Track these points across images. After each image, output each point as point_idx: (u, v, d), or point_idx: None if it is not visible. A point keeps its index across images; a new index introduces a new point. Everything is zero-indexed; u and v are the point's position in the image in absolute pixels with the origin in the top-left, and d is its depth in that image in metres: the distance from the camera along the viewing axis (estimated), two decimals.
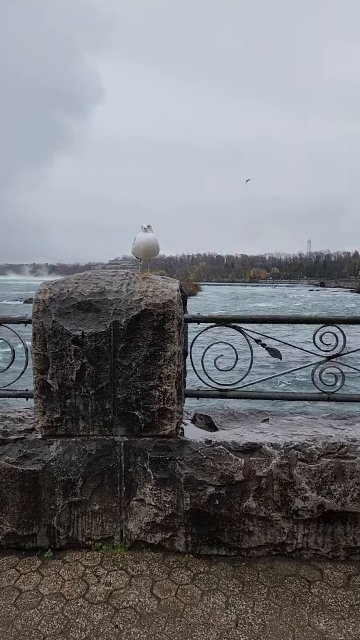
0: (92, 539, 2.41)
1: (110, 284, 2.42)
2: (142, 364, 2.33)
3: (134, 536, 2.39)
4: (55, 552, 2.38)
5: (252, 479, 2.30)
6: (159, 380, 2.34)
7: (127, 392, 2.34)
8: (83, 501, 2.38)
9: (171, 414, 2.36)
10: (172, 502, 2.34)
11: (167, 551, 2.39)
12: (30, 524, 2.38)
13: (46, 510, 2.38)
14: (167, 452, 2.36)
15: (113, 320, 2.31)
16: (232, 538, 2.35)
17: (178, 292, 2.43)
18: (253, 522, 2.33)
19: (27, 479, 2.36)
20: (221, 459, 2.32)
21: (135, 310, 2.31)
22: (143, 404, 2.35)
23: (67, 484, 2.37)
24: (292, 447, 2.32)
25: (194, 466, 2.33)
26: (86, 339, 2.32)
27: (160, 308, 2.31)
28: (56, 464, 2.37)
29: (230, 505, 2.32)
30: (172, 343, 2.33)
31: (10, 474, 2.36)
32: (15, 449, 2.40)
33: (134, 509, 2.38)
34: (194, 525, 2.36)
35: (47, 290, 2.40)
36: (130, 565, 2.29)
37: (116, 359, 2.33)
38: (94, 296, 2.35)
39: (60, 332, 2.32)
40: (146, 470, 2.36)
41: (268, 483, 2.29)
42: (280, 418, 2.75)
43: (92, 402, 2.36)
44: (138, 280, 2.46)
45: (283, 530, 2.32)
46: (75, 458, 2.37)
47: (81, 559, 2.34)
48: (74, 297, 2.35)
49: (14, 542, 2.40)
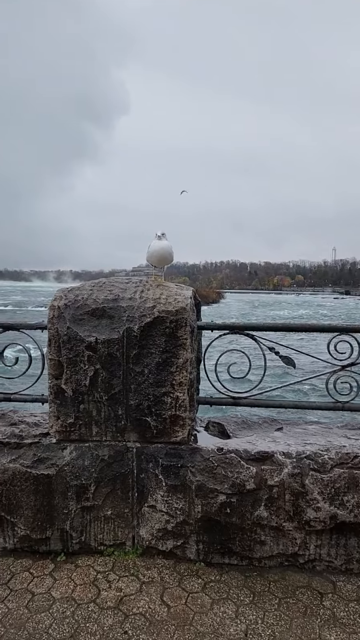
0: (104, 544, 2.43)
1: (124, 291, 2.46)
2: (154, 371, 2.35)
3: (146, 542, 2.40)
4: (67, 556, 2.41)
5: (263, 487, 2.28)
6: (171, 387, 2.35)
7: (140, 398, 2.36)
8: (95, 506, 2.40)
9: (183, 420, 2.37)
10: (183, 509, 2.34)
11: (179, 558, 2.39)
12: (43, 527, 2.42)
13: (59, 514, 2.41)
14: (178, 459, 2.37)
15: (126, 327, 2.34)
16: (244, 547, 2.33)
17: (191, 299, 2.45)
18: (265, 531, 2.30)
19: (41, 483, 2.40)
20: (232, 467, 2.32)
21: (148, 317, 2.33)
22: (155, 410, 2.36)
23: (80, 489, 2.39)
24: (305, 456, 2.29)
25: (205, 474, 2.33)
26: (99, 345, 2.35)
27: (173, 315, 2.32)
28: (69, 468, 2.40)
29: (242, 513, 2.30)
30: (184, 350, 2.34)
31: (24, 478, 2.40)
32: (30, 453, 2.44)
33: (146, 515, 2.39)
34: (206, 533, 2.35)
35: (62, 296, 2.45)
36: (142, 571, 2.30)
37: (129, 365, 2.36)
38: (107, 303, 2.39)
39: (75, 338, 2.36)
40: (158, 476, 2.37)
41: (280, 492, 2.27)
42: (294, 427, 2.73)
43: (105, 408, 2.39)
44: (152, 287, 2.49)
45: (295, 540, 2.29)
46: (88, 463, 2.40)
47: (93, 564, 2.36)
48: (88, 304, 2.39)
49: (28, 545, 2.44)
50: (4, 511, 2.41)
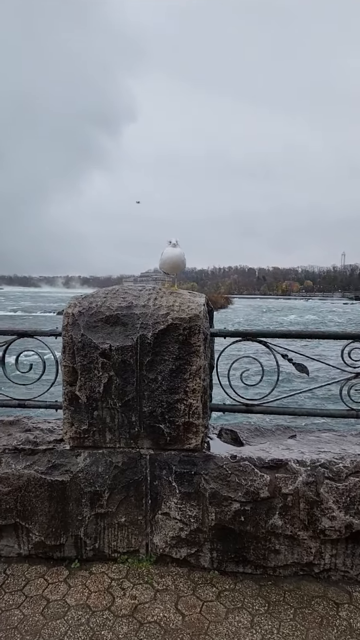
0: (118, 551, 2.43)
1: (138, 298, 2.47)
2: (167, 378, 2.35)
3: (160, 550, 2.40)
4: (82, 563, 2.42)
5: (277, 496, 2.27)
6: (184, 394, 2.35)
7: (153, 405, 2.37)
8: (109, 513, 2.41)
9: (196, 427, 2.37)
10: (197, 517, 2.34)
11: (193, 567, 2.38)
12: (58, 534, 2.42)
13: (73, 520, 2.42)
14: (192, 466, 2.37)
15: (140, 334, 2.35)
16: (258, 556, 2.32)
17: (204, 306, 2.46)
18: (279, 540, 2.29)
19: (55, 489, 2.41)
20: (246, 474, 2.31)
21: (162, 325, 2.34)
22: (168, 417, 2.37)
23: (94, 496, 2.40)
24: (319, 464, 2.28)
25: (219, 481, 2.33)
26: (113, 352, 2.36)
27: (187, 322, 2.33)
28: (83, 475, 2.41)
29: (256, 522, 2.29)
30: (197, 357, 2.35)
31: (39, 484, 2.41)
32: (45, 459, 2.45)
33: (160, 522, 2.39)
34: (219, 542, 2.34)
35: (77, 304, 2.47)
36: (156, 579, 2.30)
37: (142, 372, 2.37)
38: (121, 310, 2.40)
39: (89, 345, 2.38)
40: (171, 483, 2.37)
41: (294, 501, 2.26)
42: (308, 435, 2.71)
43: (118, 415, 2.40)
44: (165, 294, 2.50)
45: (310, 550, 2.27)
46: (102, 470, 2.41)
47: (107, 571, 2.36)
48: (102, 311, 2.41)
49: (42, 552, 2.45)
50: (19, 517, 2.43)
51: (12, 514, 2.43)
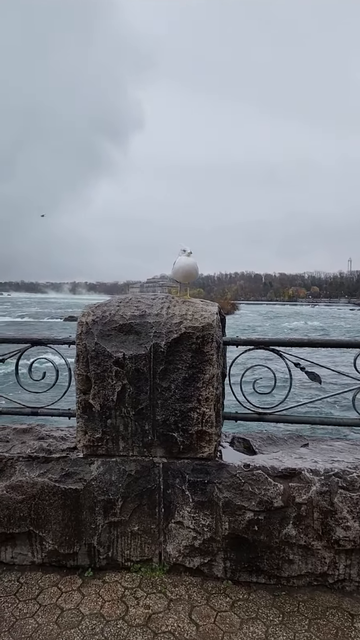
0: (131, 560, 2.43)
1: (151, 307, 2.49)
2: (181, 386, 2.36)
3: (173, 559, 2.39)
4: (95, 572, 2.42)
5: (291, 505, 2.27)
6: (197, 403, 2.36)
7: (166, 413, 2.37)
8: (122, 521, 2.41)
9: (209, 436, 2.37)
10: (210, 526, 2.34)
11: (206, 576, 2.37)
12: (71, 542, 2.43)
13: (87, 529, 2.42)
14: (205, 475, 2.37)
15: (153, 343, 2.36)
16: (272, 566, 2.31)
17: (217, 315, 2.47)
18: (293, 550, 2.28)
19: (69, 498, 2.42)
20: (260, 483, 2.31)
21: (175, 333, 2.35)
22: (182, 425, 2.37)
23: (107, 504, 2.41)
24: (333, 474, 2.27)
25: (232, 490, 2.32)
26: (127, 361, 2.38)
27: (200, 331, 2.34)
28: (97, 483, 2.42)
29: (270, 531, 2.29)
30: (210, 366, 2.35)
31: (53, 492, 2.42)
32: (58, 467, 2.47)
33: (173, 531, 2.39)
34: (233, 551, 2.34)
35: (90, 312, 2.49)
36: (169, 588, 2.29)
37: (156, 380, 2.38)
38: (134, 319, 2.42)
39: (102, 353, 2.39)
40: (184, 492, 2.37)
41: (308, 510, 2.25)
42: (320, 443, 2.71)
43: (132, 423, 2.41)
44: (178, 303, 2.51)
45: (324, 560, 2.26)
46: (115, 478, 2.42)
47: (120, 580, 2.36)
48: (116, 320, 2.43)
49: (56, 560, 2.46)
50: (32, 525, 2.44)
51: (26, 522, 2.44)
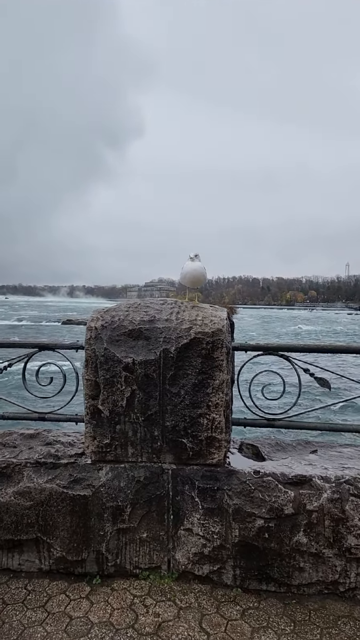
0: (139, 567, 2.41)
1: (160, 312, 2.48)
2: (190, 392, 2.35)
3: (182, 567, 2.37)
4: (103, 579, 2.39)
5: (302, 512, 2.25)
6: (207, 409, 2.35)
7: (176, 419, 2.36)
8: (131, 528, 2.39)
9: (219, 442, 2.36)
10: (220, 533, 2.32)
11: (215, 584, 2.35)
12: (79, 549, 2.41)
13: (95, 536, 2.40)
14: (215, 482, 2.35)
15: (163, 348, 2.35)
16: (282, 574, 2.29)
17: (227, 320, 2.46)
18: (304, 558, 2.26)
19: (77, 504, 2.40)
20: (270, 490, 2.29)
21: (185, 339, 2.34)
22: (191, 431, 2.36)
23: (116, 510, 2.39)
24: (344, 481, 2.26)
25: (242, 497, 2.31)
26: (136, 366, 2.36)
27: (210, 337, 2.33)
28: (105, 489, 2.40)
29: (280, 539, 2.27)
30: (220, 371, 2.34)
31: (61, 498, 2.40)
32: (66, 473, 2.45)
33: (182, 538, 2.37)
34: (243, 559, 2.32)
35: (99, 318, 2.48)
36: (178, 596, 2.27)
37: (165, 386, 2.36)
38: (144, 324, 2.41)
39: (112, 359, 2.38)
40: (194, 499, 2.36)
41: (319, 518, 2.24)
42: (329, 450, 2.69)
43: (141, 429, 2.39)
44: (187, 308, 2.50)
45: (335, 568, 2.24)
46: (124, 484, 2.40)
47: (129, 588, 2.33)
48: (125, 325, 2.42)
49: (64, 567, 2.43)
50: (40, 532, 2.41)
51: (34, 529, 2.41)
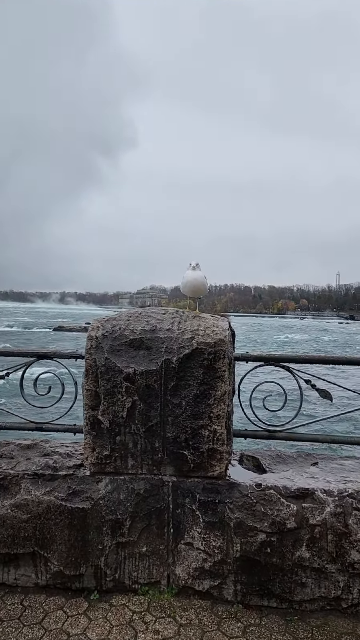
0: (138, 582, 2.35)
1: (161, 322, 2.45)
2: (192, 403, 2.32)
3: (182, 582, 2.33)
4: (101, 595, 2.34)
5: (305, 527, 2.22)
6: (208, 420, 2.32)
7: (177, 431, 2.33)
8: (131, 542, 2.34)
9: (220, 454, 2.33)
10: (221, 548, 2.28)
11: (215, 599, 2.31)
12: (77, 563, 2.35)
13: (94, 550, 2.35)
14: (216, 495, 2.32)
15: (164, 359, 2.32)
16: (284, 589, 2.25)
17: (229, 330, 2.44)
18: (306, 573, 2.23)
19: (75, 517, 2.35)
20: (272, 504, 2.26)
21: (187, 349, 2.32)
22: (192, 443, 2.32)
23: (115, 524, 2.34)
24: (347, 494, 2.24)
25: (244, 510, 2.27)
26: (137, 377, 2.33)
27: (212, 347, 2.31)
28: (105, 502, 2.35)
29: (282, 554, 2.23)
30: (222, 382, 2.32)
31: (59, 511, 2.35)
32: (65, 485, 2.40)
33: (182, 552, 2.33)
34: (244, 574, 2.28)
35: (100, 327, 2.45)
36: (178, 612, 2.22)
37: (166, 397, 2.33)
38: (145, 334, 2.38)
39: (113, 369, 2.35)
40: (195, 512, 2.32)
41: (322, 532, 2.21)
42: (330, 462, 2.67)
43: (141, 440, 2.35)
44: (189, 318, 2.48)
45: (338, 583, 2.21)
46: (124, 497, 2.36)
47: (128, 604, 2.28)
48: (126, 335, 2.39)
49: (61, 582, 2.37)
50: (37, 545, 2.36)
51: (31, 542, 2.36)
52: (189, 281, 2.60)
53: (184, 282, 2.61)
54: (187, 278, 2.60)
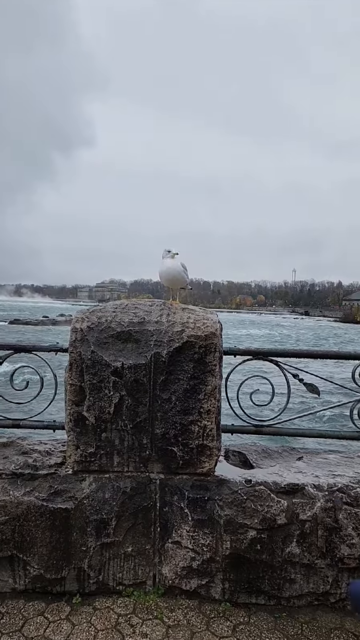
0: (123, 583, 2.27)
1: (149, 313, 2.35)
2: (182, 398, 2.24)
3: (168, 581, 2.26)
4: (83, 598, 2.23)
5: (295, 522, 2.20)
6: (198, 415, 2.25)
7: (166, 427, 2.24)
8: (116, 542, 2.25)
9: (210, 450, 2.26)
10: (210, 546, 2.22)
11: (203, 598, 2.25)
12: (59, 566, 2.23)
13: (77, 551, 2.24)
14: (205, 492, 2.26)
15: (154, 352, 2.23)
16: (273, 586, 2.22)
17: (219, 324, 2.37)
18: (295, 569, 2.21)
19: (57, 518, 2.23)
20: (262, 500, 2.22)
21: (177, 342, 2.23)
22: (182, 439, 2.25)
23: (100, 524, 2.24)
24: (336, 489, 2.23)
25: (234, 507, 2.23)
26: (126, 371, 2.23)
27: (203, 340, 2.24)
28: (89, 501, 2.24)
29: (272, 550, 2.21)
30: (213, 377, 2.25)
31: (40, 512, 2.22)
32: (46, 485, 2.27)
33: (169, 552, 2.26)
34: (233, 571, 2.24)
35: (85, 318, 2.32)
36: (166, 614, 2.15)
37: (155, 392, 2.24)
38: (133, 326, 2.28)
39: (99, 362, 2.23)
40: (183, 510, 2.25)
41: (312, 528, 2.19)
42: (315, 456, 2.66)
43: (128, 437, 2.26)
44: (178, 310, 2.40)
45: (327, 578, 2.21)
46: (109, 496, 2.25)
47: (112, 606, 2.19)
48: (113, 327, 2.27)
49: (41, 586, 2.25)
50: (16, 549, 2.22)
51: (9, 546, 2.22)
52: (163, 271, 2.47)
53: (159, 271, 2.48)
54: (162, 267, 2.46)
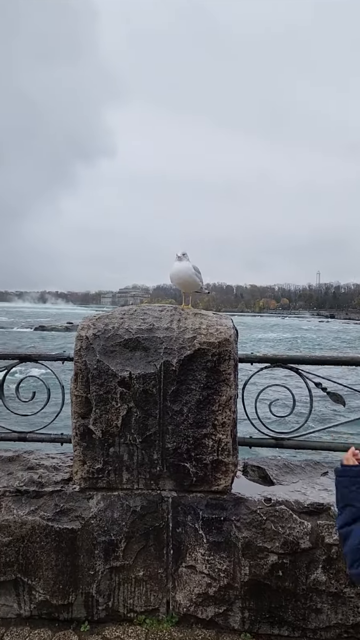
0: (134, 610, 2.11)
1: (159, 319, 2.21)
2: (194, 410, 2.09)
3: (183, 609, 2.09)
4: (92, 625, 2.09)
5: (320, 546, 2.01)
6: (212, 428, 2.09)
7: (178, 441, 2.09)
8: (126, 566, 2.09)
9: (226, 466, 2.10)
10: (227, 571, 2.05)
11: (221, 628, 2.08)
12: (66, 591, 2.09)
13: (84, 575, 2.09)
14: (221, 511, 2.09)
15: (164, 360, 2.08)
16: (297, 616, 2.03)
17: (233, 329, 2.21)
18: (321, 598, 2.01)
19: (63, 539, 2.09)
20: (284, 521, 2.04)
21: (188, 350, 2.08)
22: (195, 454, 2.09)
23: (109, 546, 2.09)
24: None
25: (252, 529, 2.05)
26: (134, 381, 2.09)
27: (216, 347, 2.08)
28: (96, 521, 2.10)
29: (296, 577, 2.01)
30: (227, 386, 2.09)
31: (45, 533, 2.09)
32: (51, 503, 2.14)
33: (183, 577, 2.09)
34: (252, 599, 2.05)
35: (91, 325, 2.19)
36: None
37: (166, 403, 2.09)
38: (142, 333, 2.13)
39: (106, 372, 2.10)
40: (197, 531, 2.08)
41: (339, 552, 1.99)
42: None
43: (138, 452, 2.11)
44: (189, 316, 2.25)
45: (357, 609, 2.00)
46: (118, 515, 2.11)
47: (122, 635, 2.03)
48: (120, 334, 2.14)
49: (47, 612, 2.11)
50: (20, 572, 2.09)
51: (13, 569, 2.09)
52: (174, 273, 2.33)
53: (170, 274, 2.35)
54: (172, 270, 2.33)
